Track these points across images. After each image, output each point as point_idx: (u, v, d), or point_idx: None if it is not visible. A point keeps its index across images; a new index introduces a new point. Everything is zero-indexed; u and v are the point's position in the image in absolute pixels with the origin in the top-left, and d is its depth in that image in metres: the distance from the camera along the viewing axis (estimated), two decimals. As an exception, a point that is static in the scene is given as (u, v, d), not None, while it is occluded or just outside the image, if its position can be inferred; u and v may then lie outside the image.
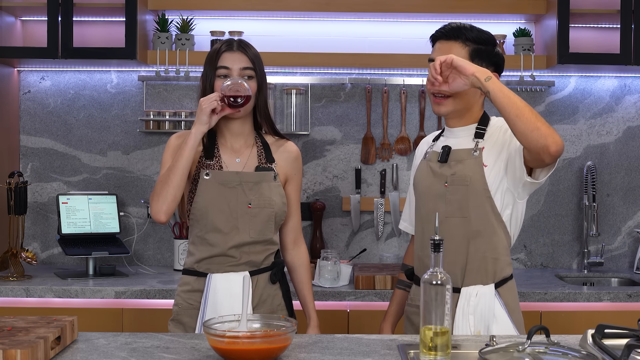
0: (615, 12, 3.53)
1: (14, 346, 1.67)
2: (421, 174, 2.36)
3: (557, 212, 3.82)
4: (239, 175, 2.34)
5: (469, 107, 2.28)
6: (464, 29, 2.26)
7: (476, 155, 2.23)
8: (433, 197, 2.27)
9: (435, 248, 1.75)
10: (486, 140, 2.25)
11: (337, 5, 3.62)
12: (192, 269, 2.36)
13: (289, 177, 2.45)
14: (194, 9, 3.64)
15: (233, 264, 2.33)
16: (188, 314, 2.35)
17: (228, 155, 2.38)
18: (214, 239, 2.32)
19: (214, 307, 2.29)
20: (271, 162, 2.40)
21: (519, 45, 3.65)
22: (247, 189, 2.33)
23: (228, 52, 2.34)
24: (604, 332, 1.83)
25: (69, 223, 3.49)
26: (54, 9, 3.44)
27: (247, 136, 2.41)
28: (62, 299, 3.15)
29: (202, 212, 2.32)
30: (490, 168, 2.22)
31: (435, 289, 1.72)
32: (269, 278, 2.38)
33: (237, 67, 2.33)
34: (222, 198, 2.31)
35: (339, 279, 3.30)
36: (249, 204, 2.32)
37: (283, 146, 2.46)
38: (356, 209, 3.78)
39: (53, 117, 3.81)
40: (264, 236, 2.35)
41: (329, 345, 1.94)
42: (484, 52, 2.26)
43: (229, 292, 2.29)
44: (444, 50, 2.24)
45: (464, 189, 2.22)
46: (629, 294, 3.18)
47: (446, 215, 2.23)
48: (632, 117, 3.81)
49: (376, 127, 3.81)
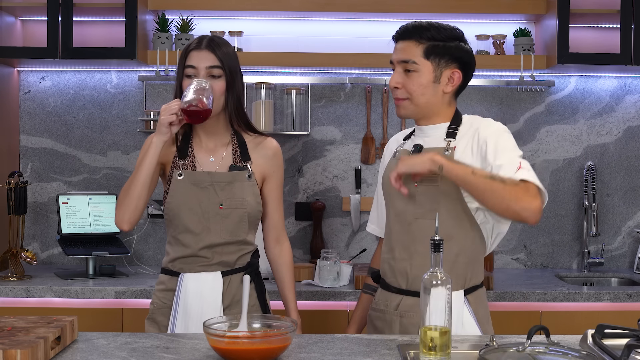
0: (615, 12, 3.53)
1: (14, 346, 1.67)
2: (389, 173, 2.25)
3: (557, 212, 3.82)
4: (210, 175, 2.31)
5: (434, 109, 2.20)
6: (419, 27, 2.18)
7: (448, 154, 2.14)
8: (402, 197, 2.18)
9: (435, 248, 1.74)
10: (459, 140, 2.17)
11: (337, 5, 3.62)
12: (167, 268, 2.36)
13: (267, 175, 2.41)
14: (194, 9, 3.64)
15: (205, 264, 2.31)
16: (162, 312, 2.34)
17: (202, 155, 2.35)
18: (186, 239, 2.31)
19: (185, 307, 2.27)
20: (246, 161, 2.36)
21: (519, 45, 3.65)
22: (219, 189, 2.31)
23: (195, 50, 2.29)
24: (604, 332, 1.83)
25: (69, 223, 3.49)
26: (54, 9, 3.44)
27: (222, 135, 2.37)
28: (62, 299, 3.15)
29: (174, 213, 2.30)
30: None
31: (435, 289, 1.72)
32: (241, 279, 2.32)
33: (204, 66, 2.27)
34: (193, 198, 2.30)
35: (339, 279, 3.30)
36: (220, 204, 2.30)
37: (261, 143, 2.42)
38: (356, 209, 3.78)
39: (53, 117, 3.81)
40: (236, 237, 2.32)
41: (329, 345, 1.94)
42: (440, 48, 2.16)
43: (199, 292, 2.28)
44: (400, 50, 2.19)
45: (434, 189, 2.14)
46: (629, 294, 3.18)
47: (416, 217, 2.16)
48: (632, 117, 3.81)
49: (376, 127, 3.81)
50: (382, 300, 2.26)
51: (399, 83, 2.19)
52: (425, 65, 2.16)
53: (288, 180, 3.80)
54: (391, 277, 2.24)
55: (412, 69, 2.16)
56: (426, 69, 2.16)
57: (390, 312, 2.20)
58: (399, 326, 2.18)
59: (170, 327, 2.30)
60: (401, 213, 2.20)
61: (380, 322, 2.25)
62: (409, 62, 2.16)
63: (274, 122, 3.75)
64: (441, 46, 2.16)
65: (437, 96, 2.19)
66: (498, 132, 2.13)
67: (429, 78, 2.16)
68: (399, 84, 2.19)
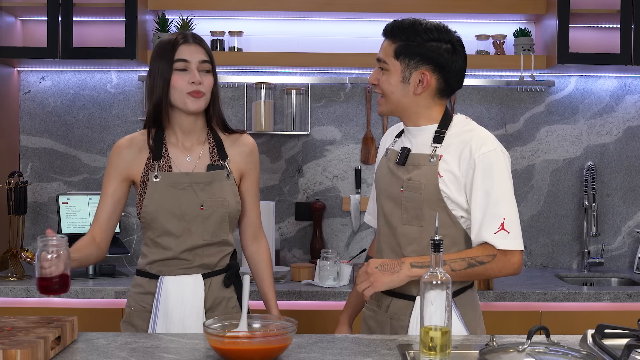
0: (615, 12, 3.53)
1: (14, 346, 1.67)
2: (381, 172, 2.25)
3: (557, 212, 3.82)
4: (189, 176, 2.25)
5: (409, 110, 2.16)
6: (398, 26, 2.14)
7: (433, 162, 2.10)
8: (390, 200, 2.17)
9: (435, 248, 1.74)
10: (445, 148, 2.11)
11: (337, 5, 3.62)
12: (144, 270, 2.29)
13: (244, 172, 2.36)
14: (194, 9, 3.64)
15: (186, 267, 2.26)
16: (140, 316, 2.28)
17: (178, 154, 2.28)
18: (166, 242, 2.25)
19: (165, 310, 2.23)
20: (224, 159, 2.31)
21: (519, 45, 3.65)
22: (199, 190, 2.25)
23: (185, 44, 2.23)
24: (604, 332, 1.83)
25: (69, 223, 3.49)
26: (54, 9, 3.44)
27: (199, 133, 2.31)
28: (62, 299, 3.15)
29: (153, 216, 2.23)
30: (446, 182, 2.09)
31: (435, 288, 1.72)
32: (222, 281, 2.31)
33: (196, 60, 2.23)
34: (172, 200, 2.23)
35: (339, 279, 3.30)
36: (201, 205, 2.24)
37: (238, 140, 2.36)
38: (356, 209, 3.78)
39: (53, 117, 3.81)
40: (218, 238, 2.28)
41: (329, 345, 1.94)
42: (411, 48, 2.11)
43: (180, 295, 2.23)
44: (381, 48, 2.18)
45: (418, 197, 2.10)
46: (629, 294, 3.18)
47: (402, 222, 2.14)
48: (632, 117, 3.81)
49: (376, 127, 3.81)
50: (375, 300, 2.25)
51: (376, 80, 2.17)
52: (394, 65, 2.13)
53: (288, 180, 3.80)
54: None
55: (384, 67, 2.15)
56: (395, 69, 2.13)
57: (382, 313, 2.20)
58: (389, 328, 2.18)
59: (151, 331, 2.24)
60: (389, 215, 2.18)
61: (372, 321, 2.24)
62: (381, 61, 2.16)
63: (274, 122, 3.75)
64: (412, 46, 2.11)
65: (407, 97, 2.13)
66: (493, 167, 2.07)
67: (397, 78, 2.13)
68: (375, 80, 2.18)
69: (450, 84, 2.16)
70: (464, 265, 2.05)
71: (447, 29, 2.15)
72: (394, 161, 2.18)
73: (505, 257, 2.06)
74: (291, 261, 3.79)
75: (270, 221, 3.50)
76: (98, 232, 2.28)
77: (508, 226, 2.05)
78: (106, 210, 2.30)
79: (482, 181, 2.06)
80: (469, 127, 2.15)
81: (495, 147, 2.09)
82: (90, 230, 2.29)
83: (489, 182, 2.06)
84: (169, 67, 2.22)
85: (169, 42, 2.25)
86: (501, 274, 2.08)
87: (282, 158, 3.81)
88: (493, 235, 2.04)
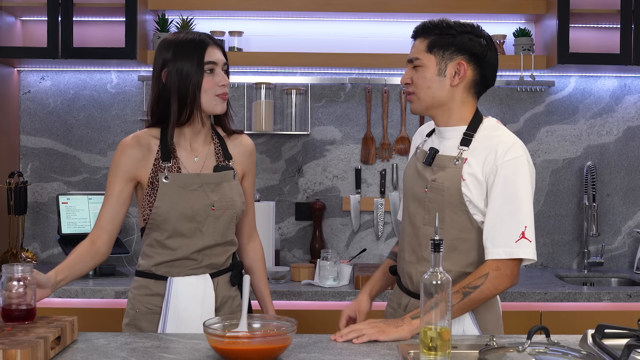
0: (615, 12, 3.53)
1: (14, 346, 1.67)
2: (409, 171, 2.25)
3: (557, 212, 3.82)
4: (199, 177, 2.25)
5: (444, 106, 2.14)
6: (429, 25, 2.13)
7: (457, 165, 2.08)
8: (415, 200, 2.17)
9: (435, 248, 1.74)
10: (471, 151, 2.09)
11: (337, 5, 3.62)
12: (149, 272, 2.26)
13: (245, 172, 2.37)
14: (194, 9, 3.64)
15: (194, 267, 2.25)
16: (147, 318, 2.25)
17: (186, 155, 2.27)
18: (175, 243, 2.23)
19: (176, 312, 2.21)
20: (229, 159, 2.31)
21: (519, 45, 3.65)
22: (209, 191, 2.24)
23: (211, 47, 2.22)
24: (604, 332, 1.83)
25: (69, 223, 3.49)
26: (54, 9, 3.44)
27: (207, 133, 2.31)
28: (62, 299, 3.15)
29: (164, 218, 2.21)
30: (469, 186, 2.07)
31: (435, 288, 1.72)
32: (229, 280, 2.32)
33: (222, 62, 2.24)
34: (183, 201, 2.21)
35: (339, 279, 3.30)
36: (212, 206, 2.24)
37: (238, 140, 2.36)
38: (356, 209, 3.78)
39: (53, 117, 3.81)
40: (226, 238, 2.28)
41: (329, 345, 1.94)
42: (444, 40, 2.10)
43: (191, 296, 2.22)
44: (411, 49, 2.17)
45: (441, 199, 2.09)
46: (629, 294, 3.18)
47: (424, 222, 2.13)
48: (632, 117, 3.81)
49: (376, 127, 3.81)
50: (396, 297, 2.27)
51: (408, 79, 2.15)
52: (428, 59, 2.11)
53: (288, 180, 3.80)
54: (402, 276, 2.25)
55: (418, 64, 2.13)
56: (430, 63, 2.11)
57: (401, 312, 2.20)
58: None
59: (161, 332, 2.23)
60: (413, 215, 2.18)
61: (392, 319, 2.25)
62: (414, 60, 2.14)
63: (274, 122, 3.75)
64: (446, 38, 2.10)
65: (443, 90, 2.11)
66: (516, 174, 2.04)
67: (433, 72, 2.11)
68: (407, 79, 2.16)
69: (486, 77, 2.14)
70: (460, 297, 2.02)
71: (479, 26, 2.15)
72: (422, 161, 2.18)
73: (498, 272, 2.02)
74: (291, 261, 3.79)
75: (270, 221, 3.50)
76: (99, 234, 2.24)
77: (529, 235, 2.02)
78: (110, 212, 2.25)
79: (503, 188, 2.03)
80: (498, 132, 2.12)
81: (521, 154, 2.06)
82: (90, 234, 2.25)
83: (511, 189, 2.03)
84: (199, 70, 2.20)
85: (192, 42, 2.21)
86: (498, 291, 2.04)
87: (282, 158, 3.81)
88: (514, 244, 2.01)
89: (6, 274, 1.89)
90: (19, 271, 1.88)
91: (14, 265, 1.89)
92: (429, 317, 1.71)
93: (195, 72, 2.19)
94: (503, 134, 2.11)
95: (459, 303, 2.02)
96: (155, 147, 2.25)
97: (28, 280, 1.90)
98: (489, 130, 2.13)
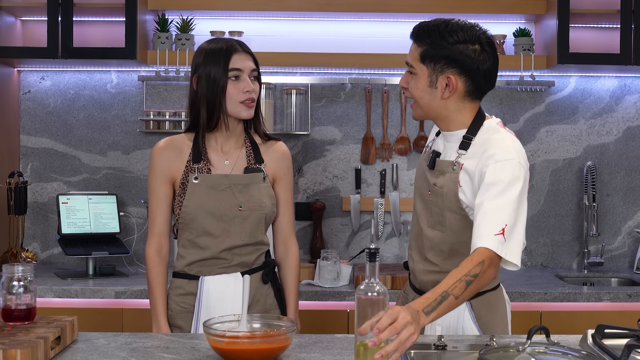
0: (615, 12, 3.53)
1: (14, 346, 1.67)
2: (418, 171, 2.26)
3: (557, 212, 3.82)
4: (228, 178, 2.32)
5: (440, 114, 2.12)
6: (424, 29, 2.09)
7: (455, 170, 2.08)
8: (422, 199, 2.18)
9: (371, 257, 1.67)
10: (469, 155, 2.07)
11: (337, 5, 3.62)
12: (183, 272, 2.35)
13: (277, 177, 2.42)
14: (194, 9, 3.64)
15: (225, 266, 2.32)
16: (182, 317, 2.34)
17: (217, 158, 2.35)
18: (205, 242, 2.31)
19: (208, 310, 2.28)
20: (260, 163, 2.38)
21: (519, 45, 3.65)
22: (237, 192, 2.31)
23: (238, 53, 2.30)
24: (604, 332, 1.83)
25: (69, 223, 3.49)
26: (54, 9, 3.44)
27: (238, 136, 2.38)
28: (62, 299, 3.15)
29: (192, 217, 2.30)
30: (465, 192, 2.06)
31: (369, 301, 1.65)
32: (260, 278, 2.37)
33: (249, 69, 2.31)
34: (212, 202, 2.29)
35: (339, 279, 3.30)
36: (240, 206, 2.31)
37: (273, 146, 2.43)
38: (356, 209, 3.78)
39: (53, 117, 3.81)
40: (254, 238, 2.34)
41: (329, 345, 1.94)
42: (436, 52, 2.05)
43: (222, 294, 2.29)
44: (409, 51, 2.13)
45: (441, 202, 2.10)
46: (629, 294, 3.18)
47: (427, 224, 2.14)
48: (632, 117, 3.81)
49: (376, 127, 3.81)
50: (406, 293, 2.29)
51: (405, 83, 2.14)
52: (421, 69, 2.08)
53: (288, 180, 3.80)
54: (411, 272, 2.28)
55: (412, 72, 2.11)
56: (422, 73, 2.08)
57: None
58: None
59: (193, 331, 2.30)
60: (419, 216, 2.20)
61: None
62: (409, 66, 2.12)
63: (274, 122, 3.75)
64: (437, 50, 2.05)
65: (436, 101, 2.09)
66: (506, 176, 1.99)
67: (425, 83, 2.08)
68: (405, 84, 2.14)
69: (479, 85, 2.09)
70: (464, 287, 1.88)
71: (474, 28, 2.09)
72: (426, 163, 2.19)
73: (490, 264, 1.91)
74: (291, 261, 3.79)
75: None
76: (161, 241, 2.36)
77: (507, 234, 1.94)
78: (164, 215, 2.35)
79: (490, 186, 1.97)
80: (496, 135, 2.08)
81: (514, 157, 2.01)
82: (152, 243, 2.35)
83: (499, 187, 1.97)
84: (224, 76, 2.27)
85: (220, 50, 2.29)
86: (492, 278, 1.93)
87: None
88: (493, 237, 1.92)
89: (6, 274, 1.91)
90: (19, 271, 1.91)
91: (14, 265, 1.91)
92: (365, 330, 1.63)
93: (221, 78, 2.27)
94: (501, 138, 2.07)
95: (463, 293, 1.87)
96: (188, 149, 2.34)
97: (28, 280, 1.92)
98: (489, 133, 2.10)
